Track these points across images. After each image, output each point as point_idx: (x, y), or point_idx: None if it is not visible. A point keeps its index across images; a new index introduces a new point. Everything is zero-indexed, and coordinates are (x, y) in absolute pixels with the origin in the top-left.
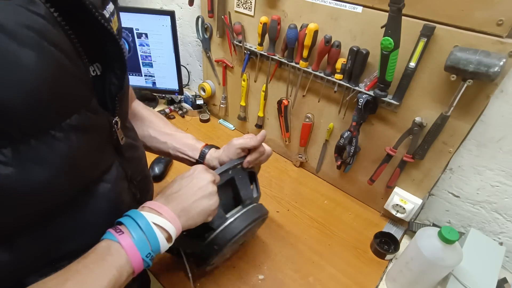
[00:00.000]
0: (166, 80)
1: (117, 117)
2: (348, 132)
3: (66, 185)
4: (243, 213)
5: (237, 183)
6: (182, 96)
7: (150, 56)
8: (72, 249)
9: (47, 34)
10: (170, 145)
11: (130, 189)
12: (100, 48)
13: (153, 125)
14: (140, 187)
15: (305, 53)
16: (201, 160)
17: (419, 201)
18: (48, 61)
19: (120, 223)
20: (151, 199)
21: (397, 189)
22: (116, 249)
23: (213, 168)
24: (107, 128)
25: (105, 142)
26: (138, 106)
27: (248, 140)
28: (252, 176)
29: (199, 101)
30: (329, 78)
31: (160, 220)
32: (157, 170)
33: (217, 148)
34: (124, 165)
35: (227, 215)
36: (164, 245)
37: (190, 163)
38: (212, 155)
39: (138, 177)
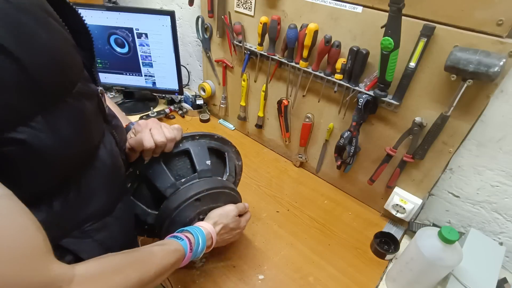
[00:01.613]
0: (166, 80)
1: (100, 87)
2: (348, 132)
3: (82, 145)
4: (164, 204)
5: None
6: (182, 96)
7: (150, 56)
8: (91, 211)
9: (50, 11)
10: None
11: (120, 155)
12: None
13: None
14: (126, 154)
15: (305, 53)
16: None
17: (419, 201)
18: (56, 34)
19: (190, 233)
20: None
21: (397, 189)
22: (181, 254)
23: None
24: (97, 97)
25: (97, 110)
26: None
27: (134, 144)
28: (218, 153)
29: (199, 101)
30: (329, 78)
31: (209, 242)
32: None
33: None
34: (113, 132)
35: (157, 211)
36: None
37: None
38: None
39: (123, 146)
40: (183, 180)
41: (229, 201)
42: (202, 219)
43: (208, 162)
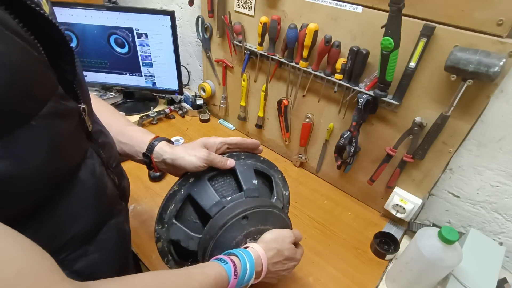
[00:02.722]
0: (166, 80)
1: (82, 104)
2: (348, 132)
3: (53, 172)
4: (209, 225)
5: (194, 197)
6: (182, 96)
7: (150, 56)
8: (69, 238)
9: (5, 21)
10: (115, 141)
11: (108, 175)
12: (41, 33)
13: (96, 119)
14: (117, 172)
15: (305, 53)
16: (148, 153)
17: (419, 201)
18: (14, 48)
19: (235, 256)
20: (127, 184)
21: (397, 189)
22: (224, 280)
23: (163, 162)
24: (77, 115)
25: (78, 129)
26: None
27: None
28: (264, 176)
29: (199, 101)
30: (329, 78)
31: (259, 269)
32: None
33: (170, 141)
34: (99, 151)
35: (200, 235)
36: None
37: (139, 161)
38: (163, 149)
39: (113, 163)
40: (228, 198)
41: (280, 225)
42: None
43: (255, 181)
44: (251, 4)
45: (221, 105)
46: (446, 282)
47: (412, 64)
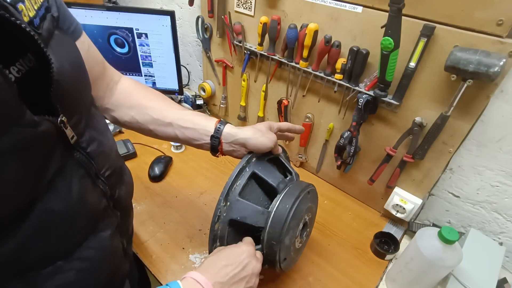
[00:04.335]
0: (166, 80)
1: (61, 115)
2: (348, 132)
3: (9, 205)
4: (281, 199)
5: (260, 175)
6: (182, 96)
7: (150, 56)
8: (38, 256)
9: None
10: (176, 126)
11: (97, 186)
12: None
13: (153, 104)
14: (112, 181)
15: (305, 53)
16: (218, 135)
17: (419, 201)
18: None
19: None
20: (129, 194)
21: (397, 189)
22: None
23: (234, 142)
24: (53, 132)
25: (53, 147)
26: (129, 86)
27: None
28: (275, 161)
29: (199, 101)
30: (329, 78)
31: None
32: (157, 170)
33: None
34: (85, 161)
35: (269, 209)
36: None
37: (200, 145)
38: (233, 130)
39: (107, 172)
40: (287, 178)
41: (315, 207)
42: (305, 221)
43: (293, 171)
44: (251, 4)
45: (221, 105)
46: (446, 282)
47: (412, 64)
